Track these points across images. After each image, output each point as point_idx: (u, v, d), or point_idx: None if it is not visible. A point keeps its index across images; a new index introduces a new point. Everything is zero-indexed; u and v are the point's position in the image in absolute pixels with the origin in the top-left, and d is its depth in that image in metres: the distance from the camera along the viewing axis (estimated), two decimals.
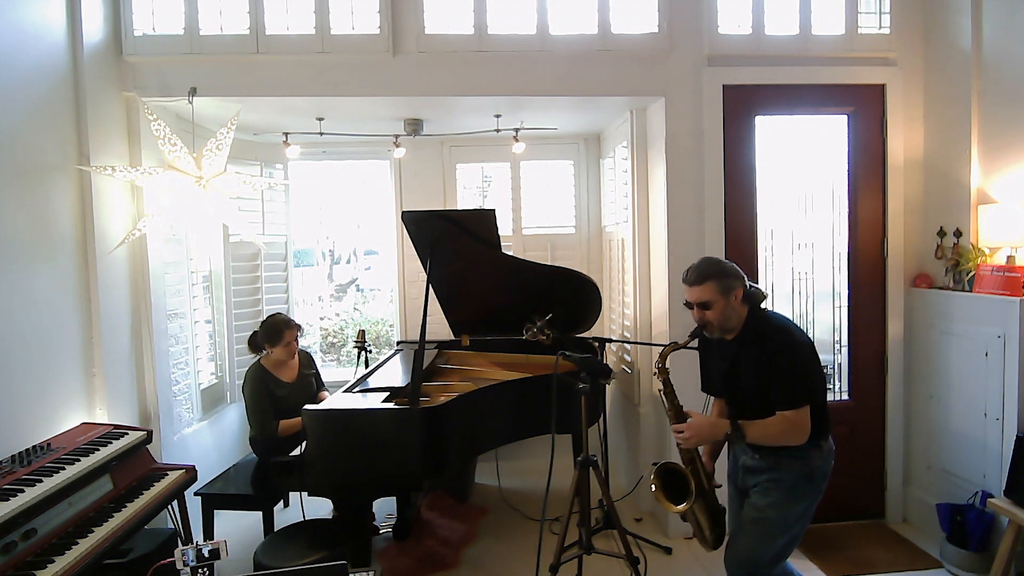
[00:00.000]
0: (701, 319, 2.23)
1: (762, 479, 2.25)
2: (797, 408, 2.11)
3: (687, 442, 2.26)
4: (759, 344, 2.18)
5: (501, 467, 4.12)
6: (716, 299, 2.18)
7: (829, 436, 2.27)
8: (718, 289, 2.18)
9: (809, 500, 2.23)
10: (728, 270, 2.21)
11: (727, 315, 2.20)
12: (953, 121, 3.40)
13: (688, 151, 3.50)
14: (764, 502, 2.23)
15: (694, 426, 2.25)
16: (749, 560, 2.25)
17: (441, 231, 3.40)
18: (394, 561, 3.33)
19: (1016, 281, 2.96)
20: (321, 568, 1.85)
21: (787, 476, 2.20)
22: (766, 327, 2.20)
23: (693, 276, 2.22)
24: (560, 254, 4.77)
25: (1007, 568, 2.81)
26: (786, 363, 2.12)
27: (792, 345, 2.15)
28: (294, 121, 3.96)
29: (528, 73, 3.45)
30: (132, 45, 3.26)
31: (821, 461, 2.22)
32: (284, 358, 3.53)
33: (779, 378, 2.12)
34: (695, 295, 2.22)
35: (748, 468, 2.31)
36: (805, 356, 2.16)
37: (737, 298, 2.20)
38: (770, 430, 2.15)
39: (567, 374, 2.82)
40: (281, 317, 3.54)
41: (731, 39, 3.51)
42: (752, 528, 2.26)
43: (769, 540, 2.23)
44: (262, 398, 3.41)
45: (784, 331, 2.18)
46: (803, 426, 2.11)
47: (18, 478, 2.21)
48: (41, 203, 2.78)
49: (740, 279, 2.21)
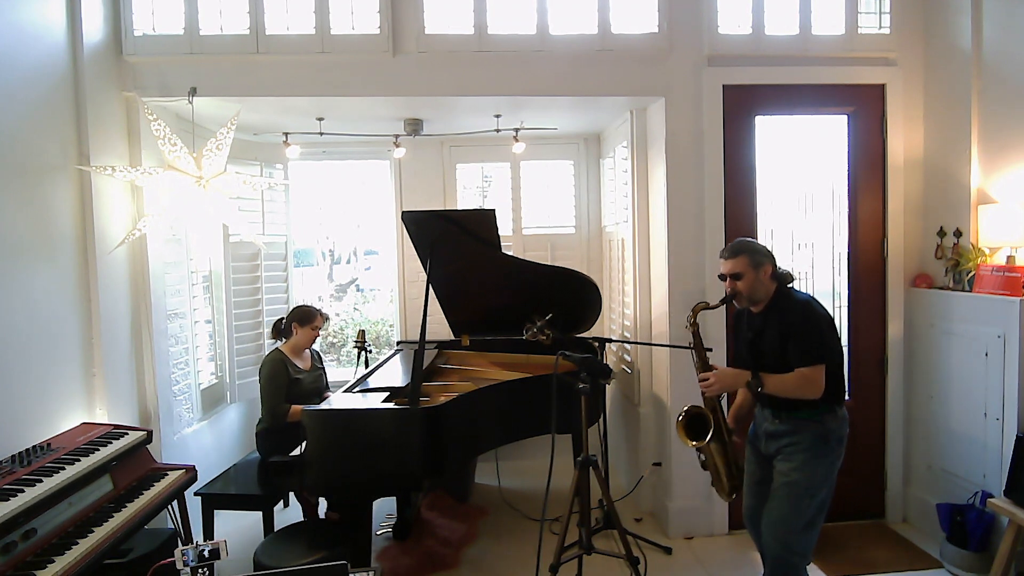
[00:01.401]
0: (732, 289, 2.47)
1: (783, 444, 2.45)
2: (812, 365, 2.33)
3: (711, 389, 2.50)
4: (783, 313, 2.42)
5: (501, 467, 4.12)
6: (747, 271, 2.43)
7: (843, 405, 2.47)
8: (749, 263, 2.43)
9: (828, 462, 2.42)
10: (760, 248, 2.48)
11: (755, 287, 2.44)
12: (953, 121, 3.40)
13: (688, 151, 3.51)
14: (788, 466, 2.43)
15: (719, 374, 2.52)
16: (783, 526, 2.41)
17: (441, 231, 3.40)
18: (394, 561, 3.34)
19: (1016, 281, 2.96)
20: (321, 568, 1.85)
21: (804, 439, 2.40)
22: (789, 300, 2.46)
23: (728, 251, 2.50)
24: (560, 254, 4.77)
25: (1007, 568, 2.81)
26: (804, 327, 2.36)
27: (811, 313, 2.40)
28: (294, 121, 3.96)
29: (528, 73, 3.45)
30: (132, 45, 3.26)
31: (836, 425, 2.42)
32: (306, 343, 3.69)
33: (797, 340, 2.36)
34: (728, 267, 2.47)
35: (769, 434, 2.51)
36: (822, 324, 2.40)
37: (766, 274, 2.45)
38: (787, 382, 2.37)
39: (567, 374, 2.82)
40: (312, 305, 3.80)
41: (731, 39, 3.51)
42: (782, 494, 2.44)
43: (798, 503, 2.40)
44: (280, 378, 3.51)
45: (806, 303, 2.44)
46: (817, 382, 2.33)
47: (18, 478, 2.21)
48: (41, 203, 2.78)
49: (770, 258, 2.47)
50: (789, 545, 2.40)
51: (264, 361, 3.59)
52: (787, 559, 2.41)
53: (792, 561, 2.41)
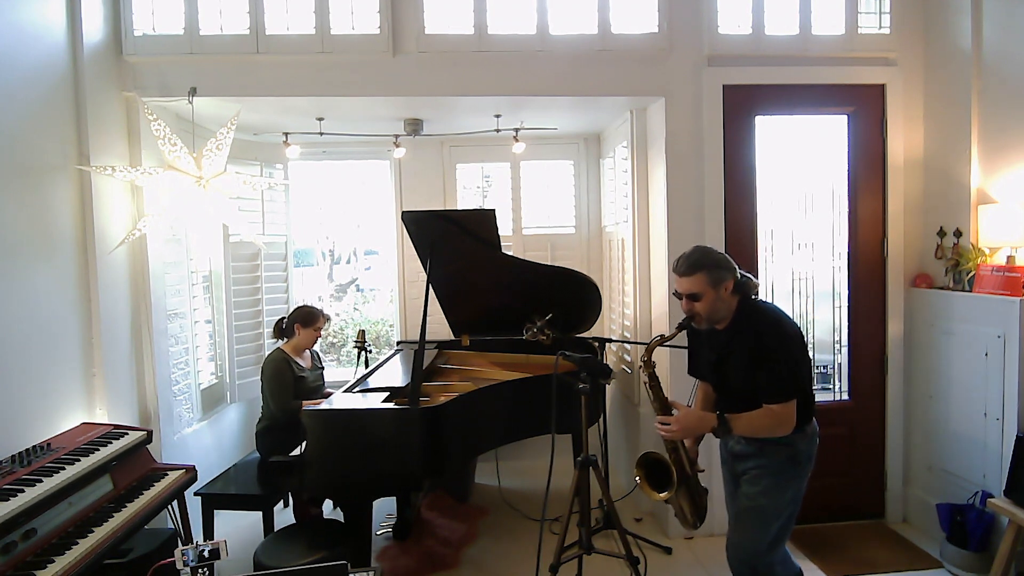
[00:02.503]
0: (689, 310, 2.24)
1: (750, 466, 2.30)
2: (784, 403, 2.14)
3: (673, 435, 2.29)
4: (750, 337, 2.19)
5: (501, 467, 4.12)
6: (705, 291, 2.18)
7: (813, 419, 2.30)
8: (708, 281, 2.18)
9: (797, 483, 2.27)
10: (720, 261, 2.22)
11: (716, 307, 2.21)
12: (953, 121, 3.40)
13: (688, 151, 3.50)
14: (755, 490, 2.27)
15: (681, 420, 2.27)
16: (749, 550, 2.29)
17: (441, 231, 3.40)
18: (394, 561, 3.34)
19: (1016, 281, 2.96)
20: (321, 568, 1.85)
21: (773, 462, 2.25)
22: (757, 319, 2.22)
23: (684, 267, 2.22)
24: (560, 254, 4.77)
25: (1007, 568, 2.81)
26: (776, 358, 2.14)
27: (783, 339, 2.17)
28: (294, 121, 3.96)
29: (528, 73, 3.45)
30: (132, 45, 3.26)
31: (805, 445, 2.26)
32: (308, 344, 3.71)
33: (768, 373, 2.14)
34: (684, 286, 2.22)
35: (736, 454, 2.37)
36: (795, 350, 2.18)
37: (727, 290, 2.20)
38: (756, 422, 2.18)
39: (567, 374, 2.82)
40: (314, 306, 3.82)
41: (731, 39, 3.51)
42: (746, 517, 2.30)
43: (764, 527, 2.27)
44: (286, 376, 3.54)
45: (776, 324, 2.20)
46: (789, 419, 2.15)
47: (18, 478, 2.21)
48: (41, 203, 2.78)
49: (731, 271, 2.22)
50: (755, 567, 2.28)
51: (267, 360, 3.61)
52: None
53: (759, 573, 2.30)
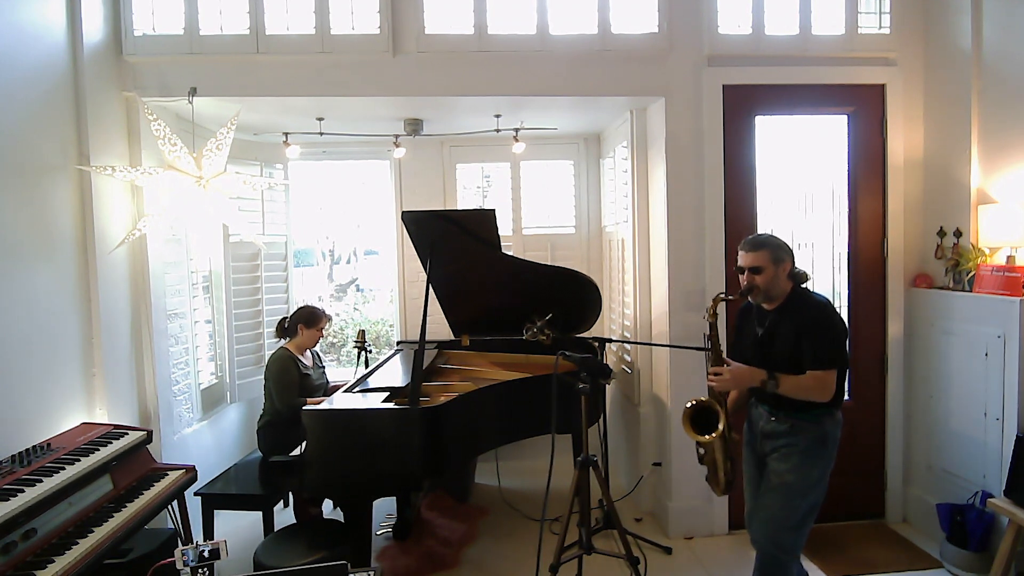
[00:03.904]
0: (750, 282, 2.41)
1: (779, 444, 2.42)
2: (827, 370, 2.30)
3: (723, 384, 2.43)
4: (798, 312, 2.37)
5: (501, 467, 4.12)
6: (767, 266, 2.38)
7: (840, 408, 2.43)
8: (771, 257, 2.37)
9: (823, 465, 2.39)
10: (782, 244, 2.43)
11: (773, 283, 2.39)
12: (953, 121, 3.40)
13: (688, 151, 3.50)
14: (784, 467, 2.39)
15: (734, 370, 2.43)
16: (774, 524, 2.40)
17: (441, 231, 3.40)
18: (394, 561, 3.34)
19: (1016, 281, 2.96)
20: (321, 568, 1.85)
21: (802, 440, 2.37)
22: (807, 300, 2.41)
23: (750, 243, 2.43)
24: (560, 254, 4.77)
25: (1007, 568, 2.81)
26: (822, 330, 2.32)
27: (830, 316, 2.37)
28: (294, 121, 3.96)
29: (528, 73, 3.45)
30: (132, 45, 3.26)
31: (832, 427, 2.39)
32: (310, 343, 3.78)
33: (814, 342, 2.31)
34: (749, 260, 2.41)
35: (766, 433, 2.47)
36: (839, 328, 2.37)
37: (785, 270, 2.40)
38: (802, 383, 2.32)
39: (567, 374, 2.82)
40: (317, 306, 3.88)
41: (731, 39, 3.51)
42: (775, 493, 2.41)
43: (791, 504, 2.37)
44: (292, 374, 3.61)
45: (824, 306, 2.39)
46: (830, 386, 2.31)
47: (18, 478, 2.21)
48: (41, 203, 2.78)
49: (791, 255, 2.43)
50: (780, 543, 2.40)
51: (272, 359, 3.65)
52: (777, 556, 2.42)
53: (781, 559, 2.42)
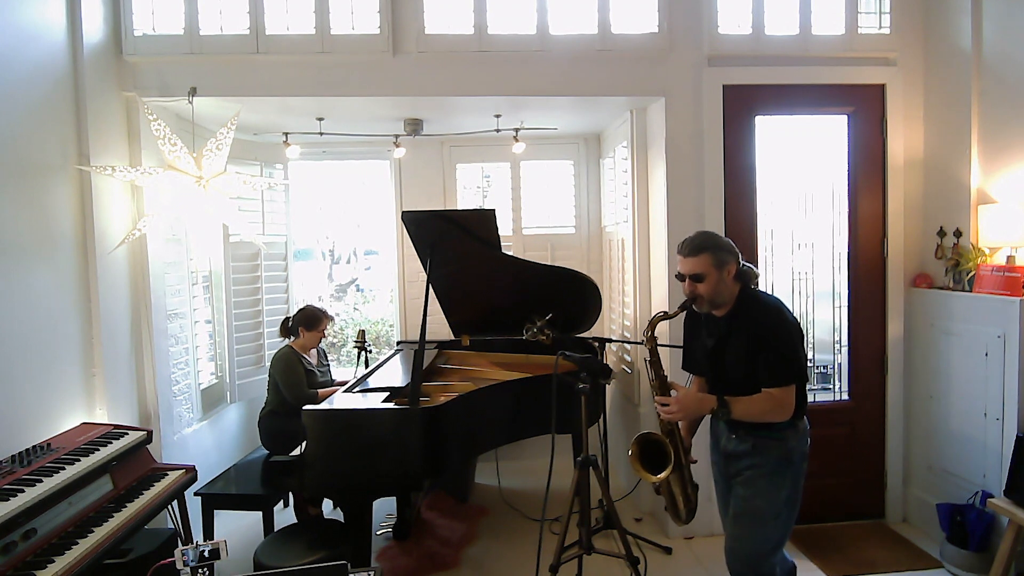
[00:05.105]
0: (692, 291, 2.21)
1: (743, 466, 2.26)
2: (784, 387, 2.12)
3: (672, 416, 2.24)
4: (750, 321, 2.18)
5: (501, 467, 4.12)
6: (709, 272, 2.17)
7: (804, 416, 2.27)
8: (712, 262, 2.17)
9: (791, 483, 2.22)
10: (723, 244, 2.22)
11: (718, 290, 2.19)
12: (953, 121, 3.40)
13: (688, 151, 3.50)
14: (749, 492, 2.24)
15: (681, 400, 2.23)
16: (750, 553, 2.25)
17: (441, 231, 3.40)
18: (394, 561, 3.34)
19: (1016, 281, 2.96)
20: (321, 568, 1.85)
21: (767, 462, 2.21)
22: (757, 306, 2.21)
23: (688, 247, 2.21)
24: (560, 254, 4.77)
25: (1007, 568, 2.81)
26: (777, 342, 2.13)
27: (784, 324, 2.16)
28: (294, 121, 3.96)
29: (528, 73, 3.45)
30: (132, 45, 3.26)
31: (796, 441, 2.22)
32: (313, 344, 3.87)
33: (769, 356, 2.13)
34: (688, 266, 2.20)
35: (729, 454, 2.32)
36: (795, 337, 2.17)
37: (730, 274, 2.20)
38: (755, 406, 2.15)
39: (567, 374, 2.82)
40: (318, 307, 3.94)
41: (731, 39, 3.51)
42: (743, 521, 2.26)
43: (762, 529, 2.23)
44: (298, 369, 3.70)
45: (776, 311, 2.19)
46: (788, 404, 2.13)
47: (18, 478, 2.21)
48: (41, 203, 2.78)
49: (735, 255, 2.22)
50: (758, 570, 2.24)
51: (278, 356, 3.74)
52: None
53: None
